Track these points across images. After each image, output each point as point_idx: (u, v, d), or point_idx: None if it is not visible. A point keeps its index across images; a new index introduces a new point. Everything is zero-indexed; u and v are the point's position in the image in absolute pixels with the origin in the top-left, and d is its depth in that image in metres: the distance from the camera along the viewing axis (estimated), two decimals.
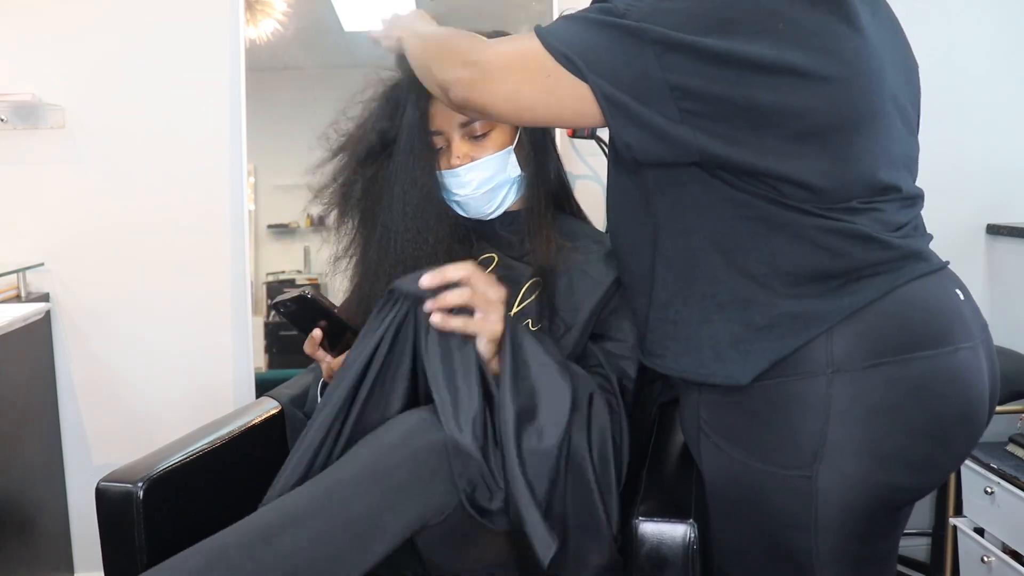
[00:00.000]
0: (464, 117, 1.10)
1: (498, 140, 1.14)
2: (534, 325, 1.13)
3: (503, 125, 1.13)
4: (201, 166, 1.98)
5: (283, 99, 2.03)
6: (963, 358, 0.82)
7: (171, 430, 1.31)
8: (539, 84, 0.83)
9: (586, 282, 1.14)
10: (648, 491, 1.00)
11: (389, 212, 1.10)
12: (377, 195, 1.13)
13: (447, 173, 1.12)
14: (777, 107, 0.79)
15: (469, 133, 1.12)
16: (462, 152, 1.12)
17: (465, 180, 1.12)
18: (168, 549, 1.04)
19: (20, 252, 1.94)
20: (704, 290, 0.86)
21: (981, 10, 1.95)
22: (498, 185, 1.14)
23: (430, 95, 1.07)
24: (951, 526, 1.76)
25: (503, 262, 1.18)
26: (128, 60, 1.94)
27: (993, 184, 2.00)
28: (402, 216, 1.09)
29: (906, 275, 0.82)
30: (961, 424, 0.83)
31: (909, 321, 0.81)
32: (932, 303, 0.83)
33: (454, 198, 1.15)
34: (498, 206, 1.16)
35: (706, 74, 0.78)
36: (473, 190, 1.12)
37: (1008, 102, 1.98)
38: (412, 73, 1.03)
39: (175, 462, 1.09)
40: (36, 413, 1.91)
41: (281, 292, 1.11)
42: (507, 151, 1.14)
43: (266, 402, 1.32)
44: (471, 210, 1.16)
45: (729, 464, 0.88)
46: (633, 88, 0.80)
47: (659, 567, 0.92)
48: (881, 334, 0.80)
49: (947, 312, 0.83)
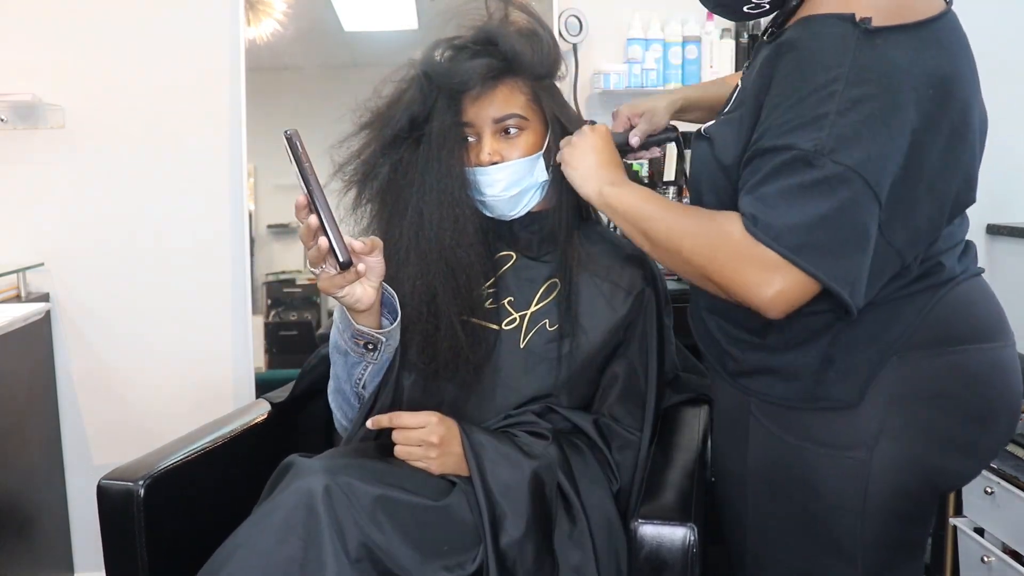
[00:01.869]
0: (498, 113, 1.09)
1: (529, 142, 1.12)
2: (550, 327, 1.13)
3: (535, 128, 1.12)
4: (201, 166, 1.98)
5: (283, 99, 2.03)
6: (1009, 354, 0.89)
7: (171, 429, 1.31)
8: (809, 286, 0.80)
9: (605, 289, 1.14)
10: (648, 493, 1.00)
11: (423, 198, 1.09)
12: (405, 179, 1.11)
13: (478, 171, 1.11)
14: None
15: (502, 129, 1.11)
16: (492, 149, 1.11)
17: (495, 179, 1.11)
18: (168, 547, 1.05)
19: (20, 252, 1.94)
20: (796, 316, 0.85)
21: (980, 10, 1.95)
22: (525, 189, 1.13)
23: (463, 88, 1.08)
24: (951, 526, 1.76)
25: (520, 262, 1.18)
26: (128, 60, 1.94)
27: (993, 184, 1.99)
28: (438, 206, 1.08)
29: (965, 270, 0.89)
30: (1006, 413, 0.89)
31: (969, 316, 0.88)
32: (987, 300, 0.91)
33: (480, 198, 1.14)
34: (522, 208, 1.16)
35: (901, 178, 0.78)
36: (501, 191, 1.11)
37: (1008, 102, 1.98)
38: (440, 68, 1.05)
39: (176, 461, 1.09)
40: (36, 413, 1.91)
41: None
42: (536, 156, 1.13)
43: (266, 402, 1.32)
44: (495, 211, 1.15)
45: (780, 447, 0.92)
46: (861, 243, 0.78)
47: (658, 570, 0.92)
48: (945, 326, 0.86)
49: (998, 310, 0.91)
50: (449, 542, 0.95)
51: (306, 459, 0.97)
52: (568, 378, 1.12)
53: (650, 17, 2.05)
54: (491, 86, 1.09)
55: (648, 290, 1.17)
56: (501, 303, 1.15)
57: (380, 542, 0.89)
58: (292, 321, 2.05)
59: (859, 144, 0.75)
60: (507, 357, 1.12)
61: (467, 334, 1.08)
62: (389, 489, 0.94)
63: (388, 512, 0.92)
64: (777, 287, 0.77)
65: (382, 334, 1.03)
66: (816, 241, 0.76)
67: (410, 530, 0.92)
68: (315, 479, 0.90)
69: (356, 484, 0.91)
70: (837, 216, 0.76)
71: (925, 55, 0.78)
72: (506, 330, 1.14)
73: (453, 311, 1.07)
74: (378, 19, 2.08)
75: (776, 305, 0.79)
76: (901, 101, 0.76)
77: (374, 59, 2.01)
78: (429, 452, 1.01)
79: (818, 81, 0.77)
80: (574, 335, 1.12)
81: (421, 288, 1.07)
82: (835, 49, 0.77)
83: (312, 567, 0.86)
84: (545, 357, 1.12)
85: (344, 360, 1.08)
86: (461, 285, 1.08)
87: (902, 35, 0.78)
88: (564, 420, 1.12)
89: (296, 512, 0.88)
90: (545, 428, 1.09)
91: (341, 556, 0.87)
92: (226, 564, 0.88)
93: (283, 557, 0.86)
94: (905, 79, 0.76)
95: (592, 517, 1.03)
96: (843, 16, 0.78)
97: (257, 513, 0.92)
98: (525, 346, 1.13)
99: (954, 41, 0.82)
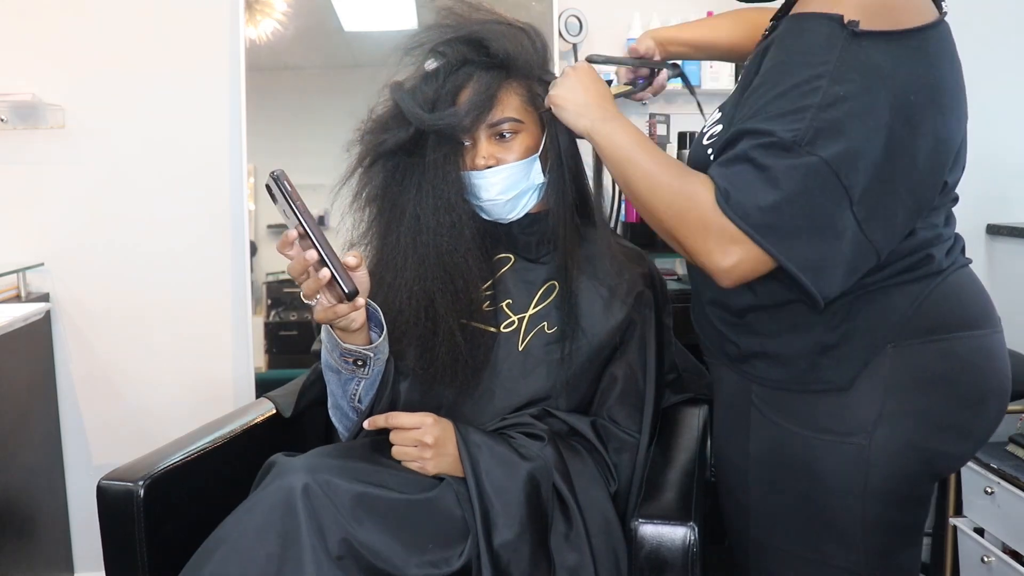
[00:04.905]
0: (492, 118, 1.09)
1: (524, 144, 1.11)
2: (549, 329, 1.13)
3: (531, 130, 1.12)
4: (201, 166, 1.98)
5: (283, 99, 2.03)
6: (998, 340, 0.93)
7: (171, 430, 1.31)
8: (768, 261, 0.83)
9: (603, 291, 1.14)
10: (648, 493, 1.00)
11: (420, 204, 1.08)
12: (401, 185, 1.11)
13: (473, 175, 1.10)
14: None
15: (497, 133, 1.10)
16: (488, 152, 1.10)
17: (491, 183, 1.10)
18: (169, 548, 1.05)
19: (20, 252, 1.95)
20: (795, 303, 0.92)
21: (981, 10, 1.95)
22: (521, 192, 1.12)
23: (461, 86, 1.07)
24: (951, 526, 1.76)
25: (519, 264, 1.18)
26: (128, 60, 1.94)
27: (993, 184, 2.00)
28: (434, 211, 1.08)
29: (954, 263, 0.92)
30: (995, 397, 0.93)
31: (961, 304, 0.91)
32: (977, 289, 0.94)
33: (477, 202, 1.14)
34: (519, 211, 1.15)
35: (879, 177, 0.80)
36: (497, 194, 1.11)
37: (1008, 102, 1.99)
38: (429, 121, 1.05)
39: (176, 461, 1.09)
40: (36, 413, 1.91)
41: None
42: (532, 158, 1.12)
43: (266, 402, 1.31)
44: (493, 214, 1.15)
45: (781, 435, 0.94)
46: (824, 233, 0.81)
47: (658, 569, 0.92)
48: (938, 313, 0.90)
49: (986, 298, 0.94)
50: (433, 537, 0.95)
51: (288, 458, 0.97)
52: (567, 380, 1.11)
53: (650, 17, 2.05)
54: None
55: (647, 291, 1.16)
56: (499, 306, 1.15)
57: (362, 538, 0.90)
58: (292, 321, 2.05)
59: (836, 139, 0.78)
60: (506, 360, 1.12)
61: (465, 338, 1.08)
62: (370, 487, 0.94)
63: (369, 508, 0.92)
64: (735, 259, 0.83)
65: (370, 350, 1.03)
66: (781, 223, 0.80)
67: (392, 525, 0.93)
68: (295, 477, 0.91)
69: (336, 482, 0.92)
70: (805, 203, 0.79)
71: (909, 63, 0.80)
72: (504, 333, 1.13)
73: (451, 316, 1.07)
74: (378, 19, 2.08)
75: (731, 275, 0.84)
76: (880, 103, 0.79)
77: (374, 59, 2.00)
78: (424, 452, 1.01)
79: (803, 75, 0.80)
80: (573, 337, 1.12)
81: (419, 294, 1.07)
82: (822, 47, 0.80)
83: (291, 565, 0.87)
84: (544, 359, 1.12)
85: (337, 377, 1.08)
86: (459, 290, 1.08)
87: (888, 41, 0.80)
88: (561, 423, 1.12)
89: (275, 511, 0.89)
90: (541, 429, 1.09)
91: (320, 554, 0.87)
92: (207, 562, 0.89)
93: (262, 555, 0.87)
94: (887, 83, 0.79)
95: (589, 518, 1.03)
96: (831, 16, 0.81)
97: (238, 511, 0.93)
98: (524, 348, 1.12)
99: (941, 52, 0.84)
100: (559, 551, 1.00)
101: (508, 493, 0.98)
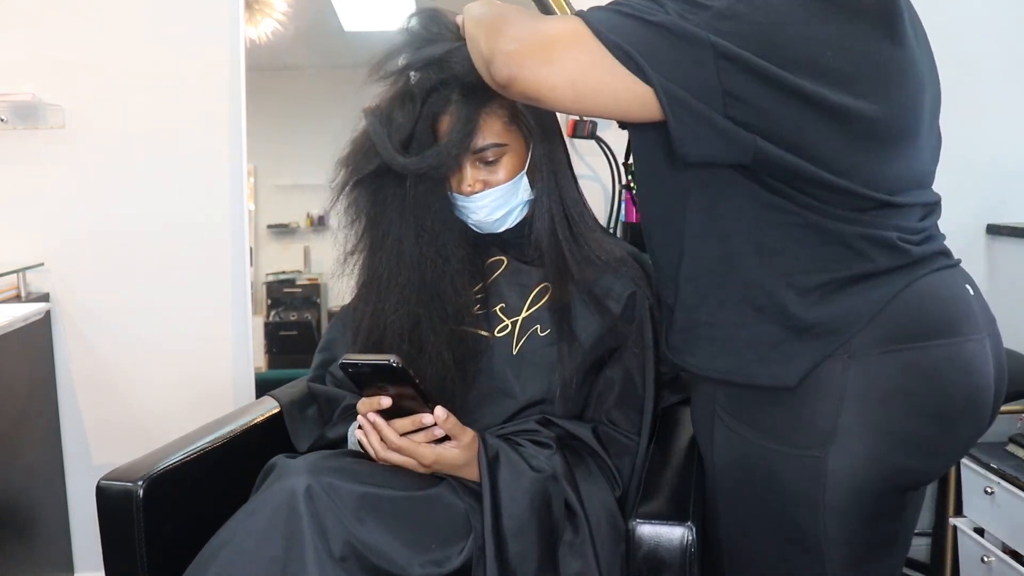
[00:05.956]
0: (475, 145, 1.08)
1: (510, 164, 1.11)
2: (542, 331, 1.13)
3: (515, 148, 1.11)
4: (201, 166, 1.98)
5: (283, 99, 2.03)
6: (971, 349, 0.86)
7: (171, 430, 1.31)
8: (595, 75, 0.81)
9: (596, 293, 1.14)
10: (646, 493, 1.00)
11: (404, 230, 1.09)
12: (384, 206, 1.11)
13: (460, 199, 1.11)
14: (820, 134, 0.82)
15: (481, 159, 1.10)
16: (473, 179, 1.10)
17: (479, 206, 1.10)
18: (168, 548, 1.05)
19: (20, 252, 1.94)
20: (741, 293, 0.88)
21: (982, 9, 1.95)
22: (510, 209, 1.13)
23: (439, 114, 1.07)
24: (951, 526, 1.76)
25: (512, 266, 1.18)
26: (128, 60, 1.94)
27: (993, 184, 1.99)
28: (416, 242, 1.08)
29: (923, 270, 0.87)
30: (967, 411, 0.87)
31: (924, 312, 0.85)
32: (946, 296, 0.87)
33: (465, 219, 1.14)
34: (510, 223, 1.15)
35: (759, 92, 0.80)
36: (486, 216, 1.12)
37: (1009, 102, 1.98)
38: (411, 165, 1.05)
39: (175, 461, 1.09)
40: (36, 413, 1.91)
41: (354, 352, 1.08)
42: (519, 177, 1.12)
43: (266, 402, 1.31)
44: (483, 229, 1.15)
45: (742, 446, 0.91)
46: (691, 88, 0.80)
47: (656, 570, 0.92)
48: (898, 323, 0.84)
49: (959, 305, 0.88)
50: (436, 535, 0.95)
51: (290, 460, 0.97)
52: (562, 383, 1.11)
53: None
54: None
55: (640, 292, 1.16)
56: (493, 310, 1.15)
57: (365, 539, 0.90)
58: (292, 321, 2.05)
59: (724, 33, 0.78)
60: (500, 364, 1.12)
61: (457, 349, 1.09)
62: (372, 487, 0.94)
63: (372, 508, 0.92)
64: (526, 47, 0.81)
65: None
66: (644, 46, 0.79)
67: (395, 525, 0.93)
68: (297, 479, 0.91)
69: (338, 483, 0.92)
70: (668, 42, 0.79)
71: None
72: (498, 337, 1.14)
73: (438, 338, 1.08)
74: (378, 19, 2.08)
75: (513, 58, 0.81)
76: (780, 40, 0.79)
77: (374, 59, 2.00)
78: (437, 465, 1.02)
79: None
80: (566, 340, 1.12)
81: (404, 316, 1.08)
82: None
83: (294, 567, 0.87)
84: (537, 363, 1.12)
85: None
86: (448, 316, 1.08)
87: None
88: (561, 430, 1.11)
89: (278, 512, 0.89)
90: (547, 437, 1.08)
91: (323, 555, 0.87)
92: (210, 564, 0.89)
93: (266, 557, 0.87)
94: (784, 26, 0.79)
95: (595, 525, 1.03)
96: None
97: (240, 513, 0.93)
98: (517, 352, 1.12)
99: None
100: (564, 559, 1.00)
101: (519, 506, 0.99)
